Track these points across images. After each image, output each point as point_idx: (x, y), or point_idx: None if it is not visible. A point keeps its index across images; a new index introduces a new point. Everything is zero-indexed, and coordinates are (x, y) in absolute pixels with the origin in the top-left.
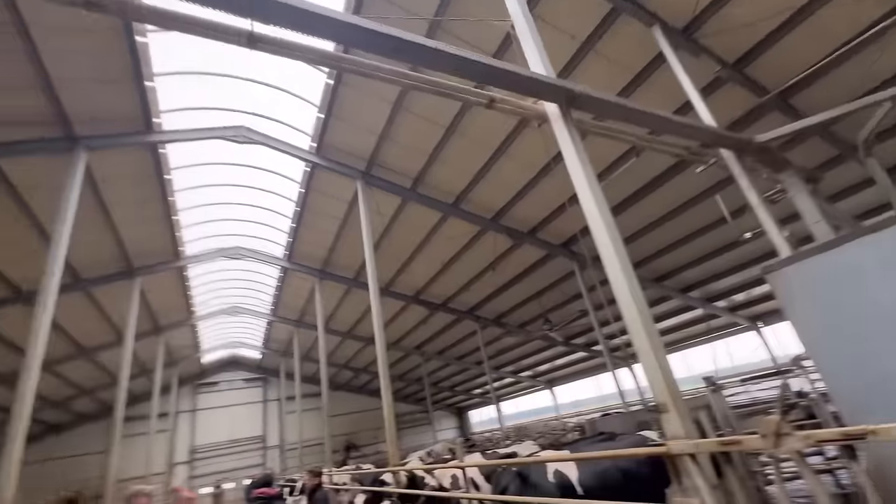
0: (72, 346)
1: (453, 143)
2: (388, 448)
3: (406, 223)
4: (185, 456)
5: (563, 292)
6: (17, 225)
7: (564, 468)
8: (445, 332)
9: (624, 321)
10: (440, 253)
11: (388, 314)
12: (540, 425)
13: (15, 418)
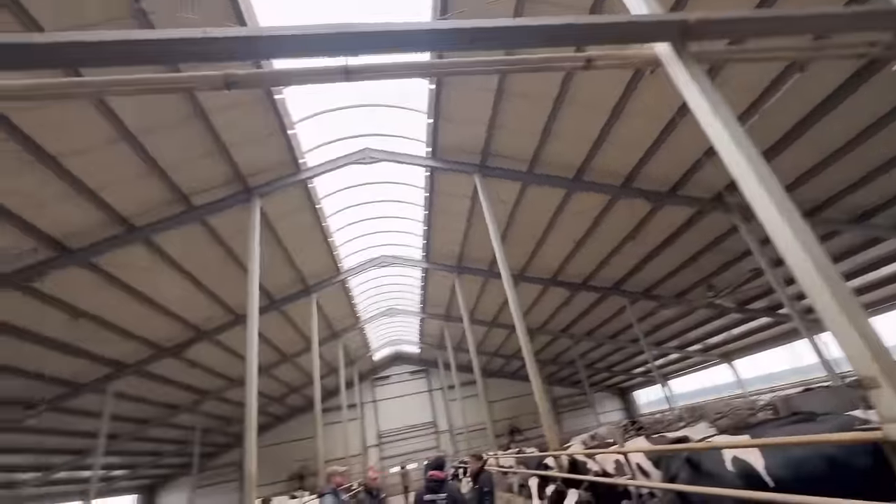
0: (277, 354)
1: (564, 114)
2: (546, 433)
3: (530, 206)
4: (374, 440)
5: (726, 251)
6: (226, 265)
7: (746, 455)
8: (591, 312)
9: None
10: (571, 231)
11: (526, 300)
12: (720, 405)
13: (248, 412)
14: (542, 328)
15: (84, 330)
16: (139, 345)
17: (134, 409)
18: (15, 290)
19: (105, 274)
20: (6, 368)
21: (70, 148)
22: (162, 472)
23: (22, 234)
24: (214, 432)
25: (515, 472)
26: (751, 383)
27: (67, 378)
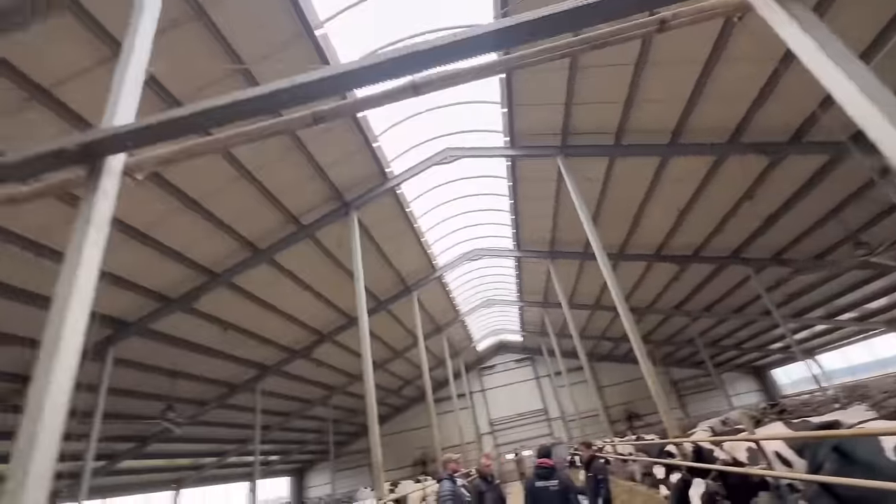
0: (389, 350)
1: (648, 76)
2: (663, 419)
3: (622, 180)
4: (487, 428)
5: (877, 201)
6: (336, 273)
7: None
8: (707, 286)
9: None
10: (672, 200)
11: (629, 279)
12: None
13: (369, 404)
14: (651, 307)
15: (233, 340)
16: (276, 349)
17: (278, 404)
18: (182, 312)
19: (242, 291)
20: (183, 374)
21: (205, 191)
22: (306, 457)
23: (182, 266)
24: (344, 423)
25: (635, 460)
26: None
27: (226, 380)
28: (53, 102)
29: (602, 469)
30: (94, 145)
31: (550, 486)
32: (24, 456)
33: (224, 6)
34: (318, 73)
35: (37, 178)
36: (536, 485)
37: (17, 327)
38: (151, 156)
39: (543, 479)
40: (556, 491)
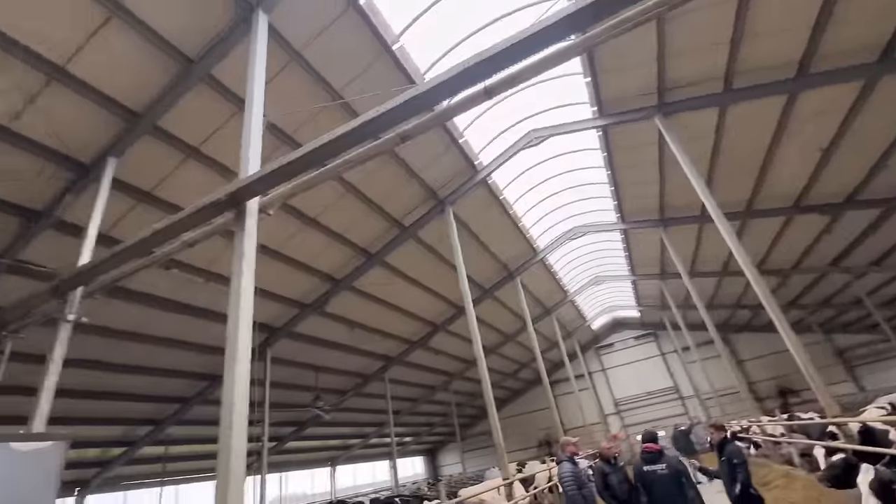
0: (500, 335)
1: (756, 5)
2: (817, 395)
3: (738, 129)
4: (612, 408)
5: None
6: (440, 267)
7: None
8: (872, 235)
9: None
10: (811, 139)
11: (763, 237)
12: None
13: (485, 389)
14: (797, 267)
15: (359, 336)
16: (396, 342)
17: (404, 391)
18: (316, 315)
19: (362, 293)
20: (324, 368)
21: (319, 209)
22: (436, 438)
23: (310, 276)
24: (466, 406)
25: (790, 442)
26: None
27: (358, 371)
28: (202, 157)
29: (737, 452)
30: (237, 193)
31: (658, 471)
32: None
33: (314, 45)
34: (405, 96)
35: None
36: (644, 469)
37: (200, 337)
38: (279, 194)
39: (650, 463)
40: (664, 475)
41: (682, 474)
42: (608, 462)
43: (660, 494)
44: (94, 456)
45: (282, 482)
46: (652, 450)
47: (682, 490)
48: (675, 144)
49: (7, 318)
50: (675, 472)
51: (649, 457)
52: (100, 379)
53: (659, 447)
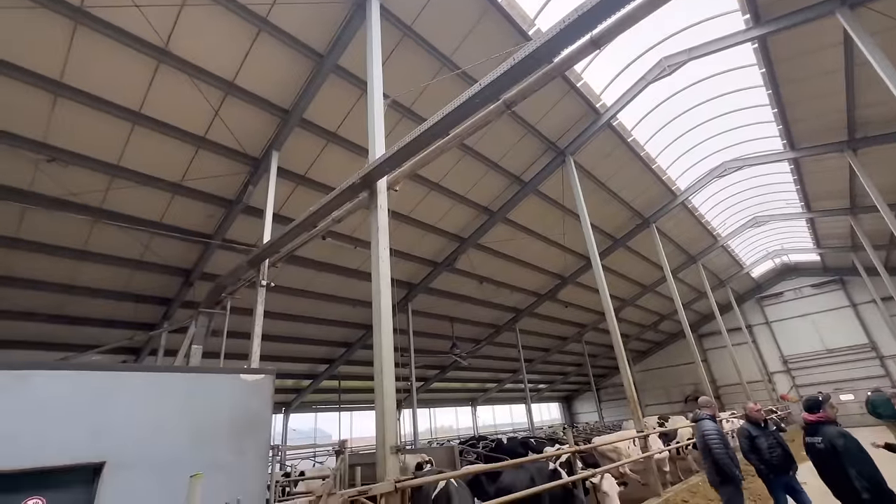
0: (636, 286)
1: None
2: None
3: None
4: (780, 365)
5: None
6: (566, 221)
7: None
8: None
9: None
10: None
11: None
12: None
13: (615, 341)
14: None
15: (488, 290)
16: (524, 295)
17: (536, 341)
18: (447, 272)
19: (487, 249)
20: (459, 319)
21: (441, 173)
22: (571, 387)
23: (438, 237)
24: (601, 357)
25: None
26: None
27: (490, 322)
28: (339, 139)
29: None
30: (368, 176)
31: (816, 444)
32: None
33: (422, 17)
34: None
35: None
36: (806, 440)
37: (354, 293)
38: (402, 171)
39: (809, 434)
40: (820, 449)
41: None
42: (756, 425)
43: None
44: (291, 385)
45: (431, 417)
46: (809, 420)
47: (843, 469)
48: (867, 41)
49: (224, 284)
50: (832, 447)
51: (808, 427)
52: (288, 327)
53: (815, 417)
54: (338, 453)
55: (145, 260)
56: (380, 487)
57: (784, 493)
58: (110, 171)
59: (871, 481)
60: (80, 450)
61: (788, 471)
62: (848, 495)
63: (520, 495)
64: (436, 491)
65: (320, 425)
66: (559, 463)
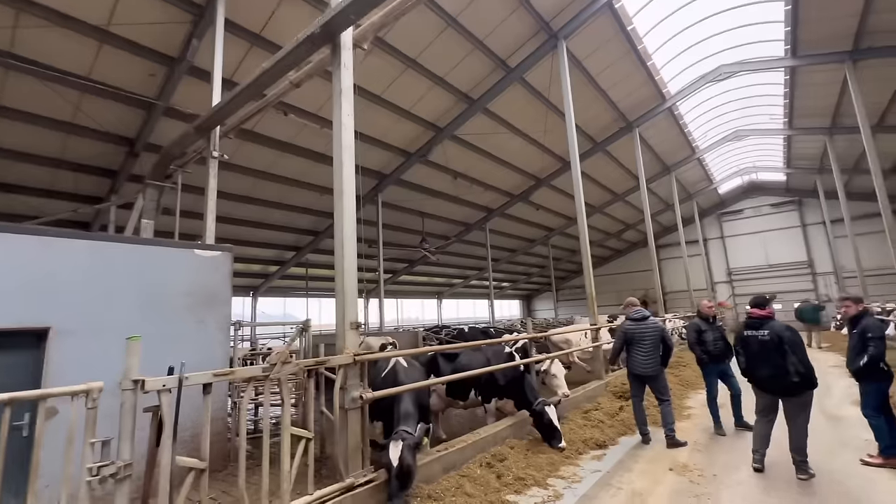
0: (608, 193)
1: None
2: None
3: None
4: (724, 276)
5: None
6: (548, 117)
7: None
8: None
9: None
10: None
11: None
12: None
13: (582, 243)
14: None
15: (461, 187)
16: (498, 194)
17: (504, 241)
18: (420, 164)
19: (464, 142)
20: (429, 215)
21: (419, 47)
22: (533, 286)
23: (413, 124)
24: (564, 261)
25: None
26: None
27: (461, 220)
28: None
29: (875, 327)
30: (330, 24)
31: (759, 336)
32: (341, 250)
33: None
34: None
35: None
36: (745, 333)
37: (322, 180)
38: (371, 23)
39: (753, 328)
40: (765, 340)
41: (787, 342)
42: (706, 320)
43: (758, 358)
44: (259, 270)
45: (398, 307)
46: (756, 315)
47: (783, 356)
48: None
49: (172, 154)
50: (778, 338)
51: (752, 322)
52: (254, 211)
53: (764, 313)
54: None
55: (78, 123)
56: (339, 359)
57: (716, 377)
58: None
59: (806, 366)
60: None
61: (725, 360)
62: (778, 380)
63: (474, 373)
64: (386, 369)
65: (290, 310)
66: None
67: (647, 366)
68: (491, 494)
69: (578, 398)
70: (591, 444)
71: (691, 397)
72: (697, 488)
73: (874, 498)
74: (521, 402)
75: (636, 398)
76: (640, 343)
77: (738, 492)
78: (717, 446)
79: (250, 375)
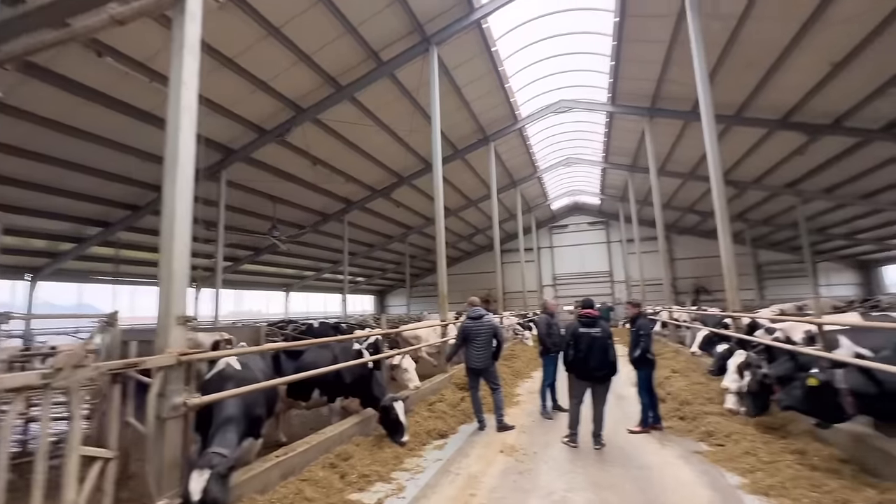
0: (463, 198)
1: None
2: (727, 294)
3: (766, 16)
4: (550, 281)
5: None
6: (414, 117)
7: None
8: (838, 163)
9: None
10: (828, 49)
11: (739, 147)
12: None
13: (438, 243)
14: (759, 182)
15: (321, 174)
16: (359, 187)
17: (362, 235)
18: (276, 144)
19: (327, 128)
20: (282, 200)
21: (286, 16)
22: (388, 283)
23: (271, 98)
24: (419, 259)
25: (689, 327)
26: None
27: (318, 209)
28: None
29: (646, 325)
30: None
31: (593, 333)
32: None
33: None
34: None
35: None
36: (580, 330)
37: (146, 144)
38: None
39: (587, 326)
40: (597, 336)
41: (611, 338)
42: (551, 315)
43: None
44: (44, 247)
45: (237, 299)
46: (591, 315)
47: (606, 351)
48: (695, 20)
49: None
50: (607, 335)
51: (587, 320)
52: (46, 172)
53: (597, 313)
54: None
55: None
56: (158, 360)
57: (553, 364)
58: None
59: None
60: None
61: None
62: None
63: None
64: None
65: (88, 300)
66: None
67: (480, 359)
68: (333, 496)
69: (425, 391)
70: (435, 434)
71: (520, 385)
72: (521, 465)
73: (642, 457)
74: (367, 399)
75: (473, 389)
76: (475, 339)
77: (553, 465)
78: (539, 428)
79: (20, 384)
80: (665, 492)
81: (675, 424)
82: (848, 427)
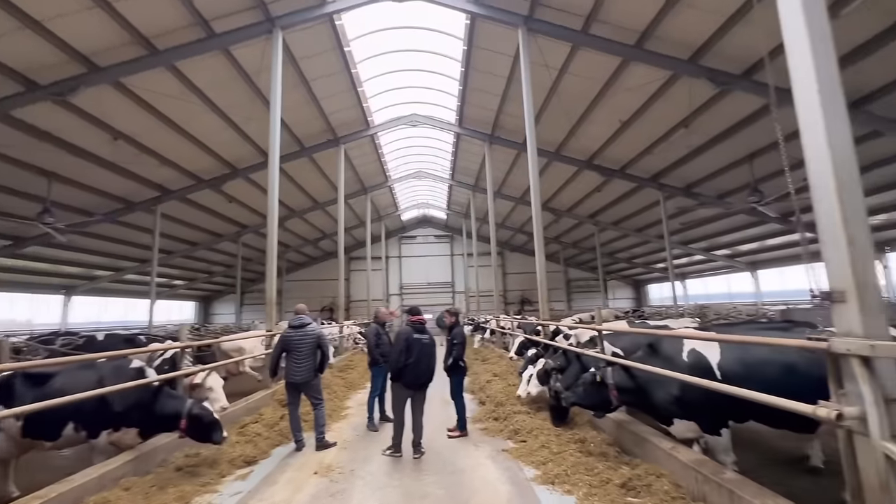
0: (309, 200)
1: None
2: (540, 305)
3: (578, 74)
4: (396, 290)
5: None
6: (254, 105)
7: (704, 350)
8: (622, 202)
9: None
10: (619, 109)
11: (557, 180)
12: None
13: (269, 246)
14: (570, 211)
15: (125, 152)
16: (179, 173)
17: (183, 231)
18: (55, 104)
19: (136, 97)
20: (62, 178)
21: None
22: (214, 287)
23: (50, 45)
24: (255, 262)
25: (512, 334)
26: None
27: (120, 195)
28: None
29: (460, 335)
30: None
31: (423, 339)
32: None
33: None
34: None
35: None
36: (414, 336)
37: None
38: None
39: (419, 332)
40: (426, 343)
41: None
42: (382, 325)
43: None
44: None
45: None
46: (422, 321)
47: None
48: (526, 65)
49: None
50: (433, 341)
51: (419, 327)
52: None
53: (426, 320)
54: None
55: None
56: None
57: (383, 375)
58: None
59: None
60: None
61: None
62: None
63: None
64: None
65: None
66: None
67: (300, 373)
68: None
69: (238, 411)
70: (240, 462)
71: (352, 398)
72: (335, 486)
73: (457, 461)
74: (151, 426)
75: (292, 406)
76: (296, 350)
77: (369, 481)
78: (362, 442)
79: None
80: (474, 494)
81: (489, 425)
82: (615, 415)
